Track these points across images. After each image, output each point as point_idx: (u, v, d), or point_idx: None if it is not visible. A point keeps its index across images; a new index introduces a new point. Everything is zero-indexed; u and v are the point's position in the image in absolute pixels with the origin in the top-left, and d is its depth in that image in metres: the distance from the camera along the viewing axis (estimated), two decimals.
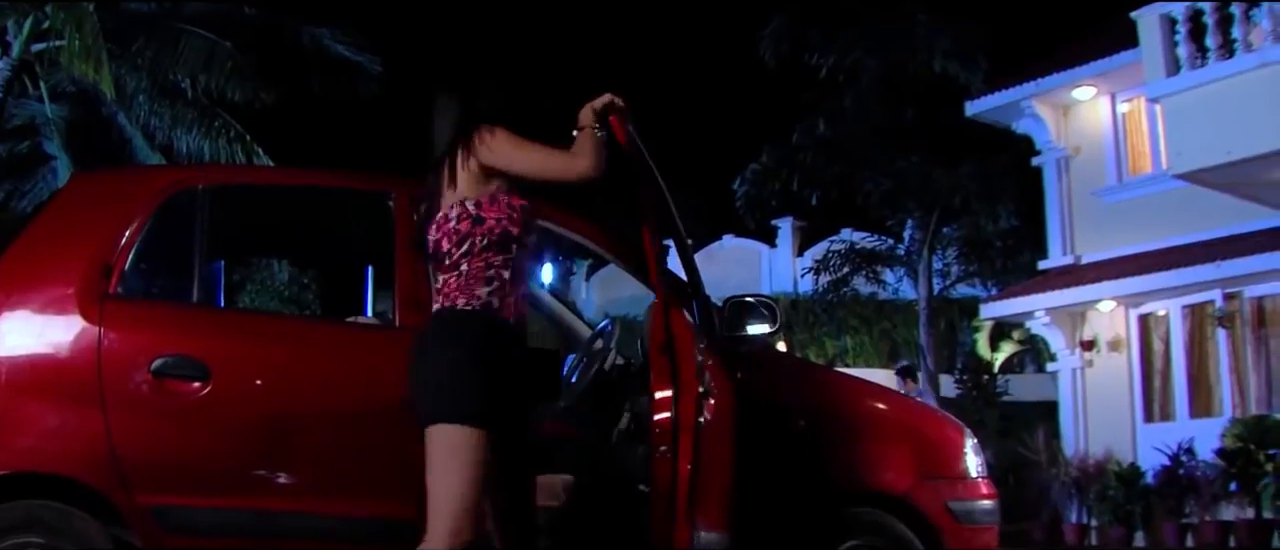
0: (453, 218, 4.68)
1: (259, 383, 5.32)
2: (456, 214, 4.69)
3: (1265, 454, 16.49)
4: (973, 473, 6.21)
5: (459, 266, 4.66)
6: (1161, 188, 18.29)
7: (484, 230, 4.66)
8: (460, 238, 4.66)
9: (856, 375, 7.25)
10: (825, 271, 24.88)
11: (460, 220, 4.67)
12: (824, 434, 5.90)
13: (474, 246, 4.65)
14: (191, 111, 22.09)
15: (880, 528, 5.85)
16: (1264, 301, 18.07)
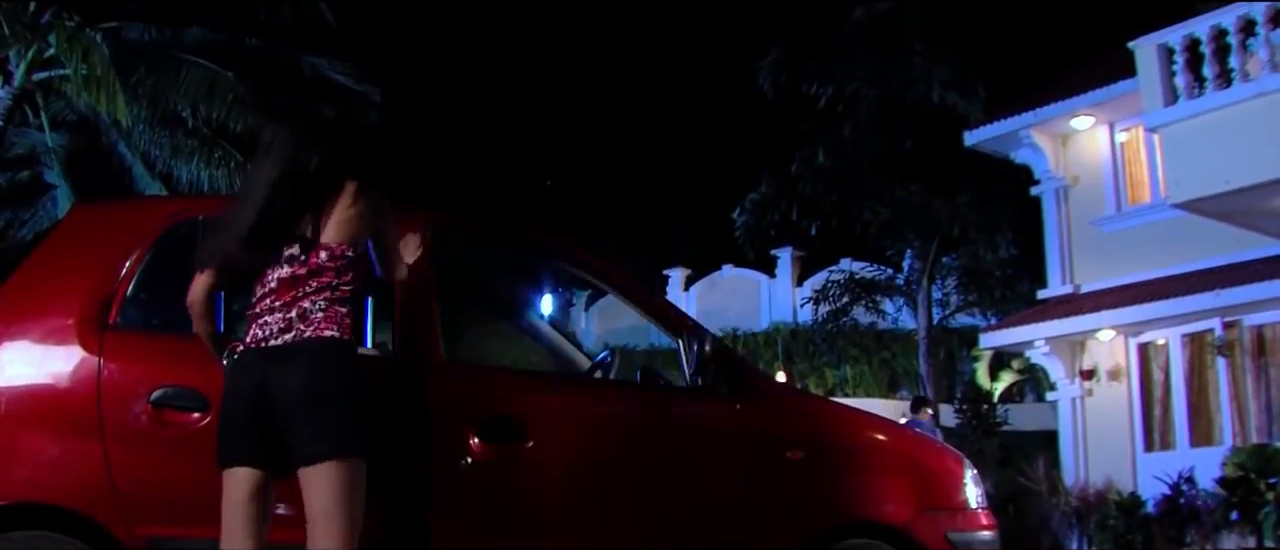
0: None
1: None
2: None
3: (1266, 483, 16.50)
4: (972, 503, 6.20)
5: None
6: (1160, 217, 18.34)
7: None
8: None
9: (855, 405, 7.24)
10: (824, 301, 24.88)
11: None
12: (822, 464, 5.87)
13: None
14: (192, 141, 22.05)
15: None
16: (1263, 330, 18.15)
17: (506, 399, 5.55)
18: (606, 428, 5.72)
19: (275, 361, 4.53)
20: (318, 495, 4.41)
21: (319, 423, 4.44)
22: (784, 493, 5.78)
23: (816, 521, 5.81)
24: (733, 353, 5.95)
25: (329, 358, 4.53)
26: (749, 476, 5.76)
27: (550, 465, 5.51)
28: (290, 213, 4.58)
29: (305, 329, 4.54)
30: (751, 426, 5.82)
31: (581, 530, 5.52)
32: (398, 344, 5.53)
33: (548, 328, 7.03)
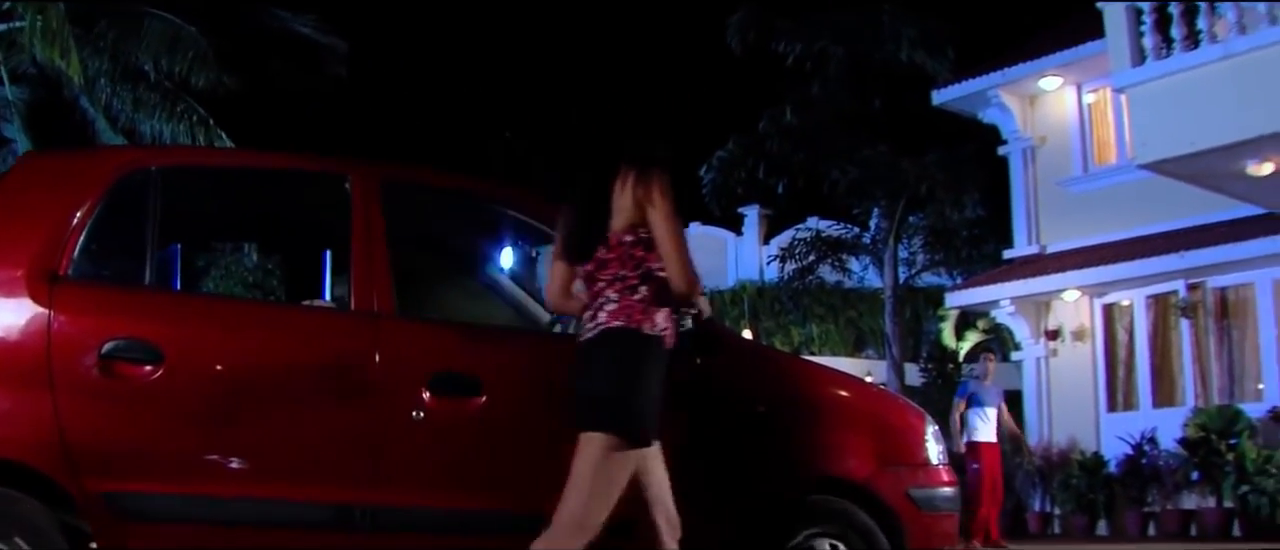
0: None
1: (213, 366, 5.23)
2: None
3: (1226, 443, 16.61)
4: (934, 460, 6.16)
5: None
6: (1126, 178, 18.33)
7: None
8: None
9: (820, 362, 7.21)
10: (791, 259, 24.80)
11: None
12: (784, 420, 5.84)
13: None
14: (154, 95, 21.81)
15: (840, 515, 5.79)
16: (1226, 292, 18.22)
17: (460, 353, 5.49)
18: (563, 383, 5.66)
19: (581, 358, 4.88)
20: (578, 459, 4.79)
21: (587, 393, 4.80)
22: (747, 448, 5.75)
23: (776, 477, 5.78)
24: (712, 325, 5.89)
25: (610, 344, 4.81)
26: (713, 432, 5.71)
27: (505, 421, 5.46)
28: (591, 220, 4.88)
29: (602, 321, 4.84)
30: (717, 381, 5.77)
31: (537, 487, 5.46)
32: (350, 298, 5.48)
33: (509, 282, 6.95)
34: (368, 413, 5.30)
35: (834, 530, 5.77)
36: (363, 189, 5.61)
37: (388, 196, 5.64)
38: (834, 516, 5.79)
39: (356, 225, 5.55)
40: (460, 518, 5.34)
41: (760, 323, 31.16)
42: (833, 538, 5.77)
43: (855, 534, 5.79)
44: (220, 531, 5.12)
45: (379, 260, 5.49)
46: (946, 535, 6.15)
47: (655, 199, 4.77)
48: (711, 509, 5.58)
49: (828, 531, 5.77)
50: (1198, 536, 16.81)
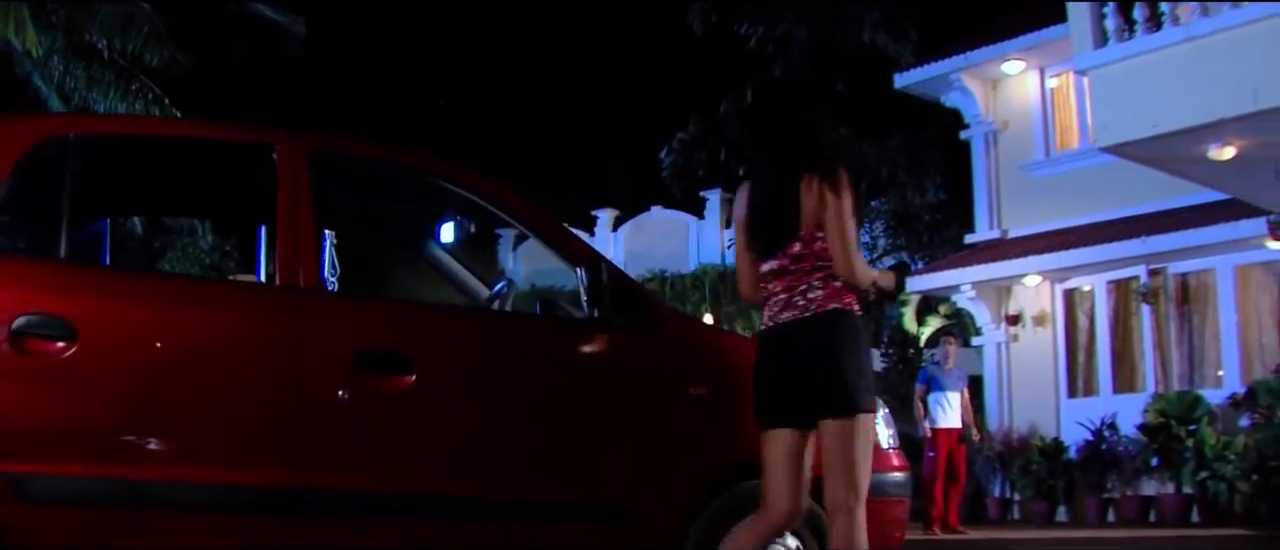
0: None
1: (129, 343, 4.98)
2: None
3: (1186, 430, 16.55)
4: (883, 444, 5.95)
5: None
6: (1089, 163, 18.25)
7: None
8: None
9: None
10: None
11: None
12: (726, 400, 5.61)
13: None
14: (108, 73, 21.48)
15: None
16: (1187, 278, 18.15)
17: (388, 330, 5.28)
18: (494, 361, 5.44)
19: (789, 337, 5.01)
20: (833, 451, 4.93)
21: (832, 385, 4.90)
22: (685, 430, 5.53)
23: (718, 462, 5.57)
24: (632, 282, 5.66)
25: (834, 329, 4.97)
26: (649, 412, 5.49)
27: (434, 400, 5.25)
28: (785, 218, 5.07)
29: (809, 306, 5.00)
30: (652, 360, 5.55)
31: (467, 469, 5.25)
32: (275, 272, 5.25)
33: (446, 257, 6.72)
34: (290, 392, 5.07)
35: None
36: (290, 159, 5.37)
37: (317, 167, 5.40)
38: None
39: (283, 196, 5.32)
40: (387, 501, 5.11)
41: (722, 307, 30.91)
42: None
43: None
44: (135, 515, 4.88)
45: (306, 233, 5.26)
46: (896, 521, 5.96)
47: (834, 196, 5.00)
48: (644, 493, 5.39)
49: None
50: (1157, 522, 16.74)
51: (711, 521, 5.45)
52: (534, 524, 5.31)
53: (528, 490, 5.30)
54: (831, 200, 4.97)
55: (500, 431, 5.33)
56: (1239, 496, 15.56)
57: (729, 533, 5.12)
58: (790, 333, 5.03)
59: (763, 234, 5.18)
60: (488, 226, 6.38)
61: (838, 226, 4.96)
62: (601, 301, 5.35)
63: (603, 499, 5.39)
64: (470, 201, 5.72)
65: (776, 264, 5.11)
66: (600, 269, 5.31)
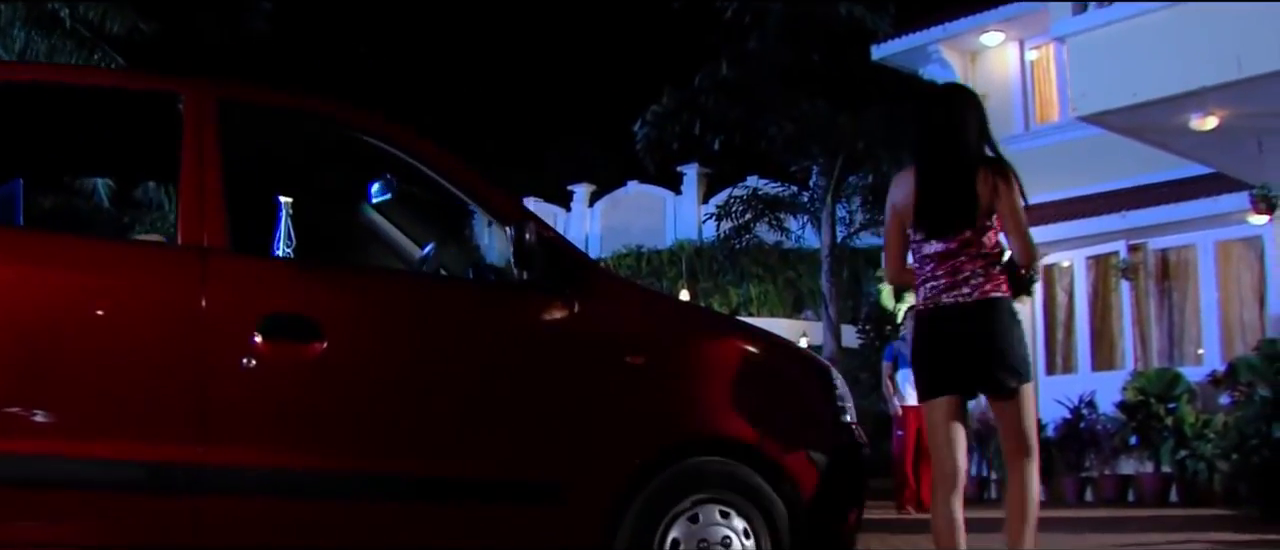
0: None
1: (15, 307, 4.53)
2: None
3: (1165, 407, 16.32)
4: (840, 419, 5.54)
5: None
6: (1068, 136, 18.08)
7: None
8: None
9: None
10: (726, 217, 24.17)
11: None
12: (667, 371, 5.19)
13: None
14: (70, 43, 21.04)
15: (731, 479, 5.15)
16: (1168, 253, 17.91)
17: (298, 293, 4.84)
18: (413, 328, 5.00)
19: (960, 317, 5.59)
20: (1010, 417, 5.68)
21: (1004, 362, 5.56)
22: (623, 401, 5.10)
23: (659, 437, 5.13)
24: (566, 244, 5.21)
25: (1000, 314, 5.59)
26: (581, 383, 5.06)
27: (348, 370, 4.81)
28: (962, 205, 5.62)
29: (974, 291, 5.56)
30: (585, 327, 5.12)
31: (384, 444, 4.82)
32: (177, 230, 4.80)
33: (380, 220, 6.28)
34: (190, 360, 4.63)
35: (725, 496, 5.13)
36: (196, 109, 4.92)
37: (226, 118, 4.95)
38: (725, 481, 5.15)
39: (187, 149, 4.87)
40: (295, 478, 4.67)
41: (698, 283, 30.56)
42: (723, 504, 5.13)
43: (749, 500, 5.16)
44: (21, 494, 4.45)
45: (211, 189, 4.81)
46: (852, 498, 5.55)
47: (1008, 189, 5.61)
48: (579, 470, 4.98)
49: (718, 498, 5.12)
50: (1135, 502, 16.50)
51: (653, 499, 5.04)
52: (458, 504, 4.88)
53: (451, 467, 4.86)
54: (1006, 193, 5.60)
55: (420, 404, 4.90)
56: (1218, 476, 15.34)
57: (937, 511, 5.73)
58: (957, 315, 5.60)
59: (937, 220, 5.66)
60: (409, 181, 5.83)
61: (1015, 217, 5.62)
62: (531, 263, 4.92)
63: (532, 476, 4.96)
64: (390, 155, 5.25)
65: (943, 247, 5.64)
66: (528, 228, 4.87)
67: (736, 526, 5.12)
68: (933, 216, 5.67)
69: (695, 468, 5.12)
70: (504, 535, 4.91)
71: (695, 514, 5.09)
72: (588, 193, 36.18)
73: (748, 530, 5.14)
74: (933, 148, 5.83)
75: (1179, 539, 10.63)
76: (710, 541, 5.06)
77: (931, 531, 5.83)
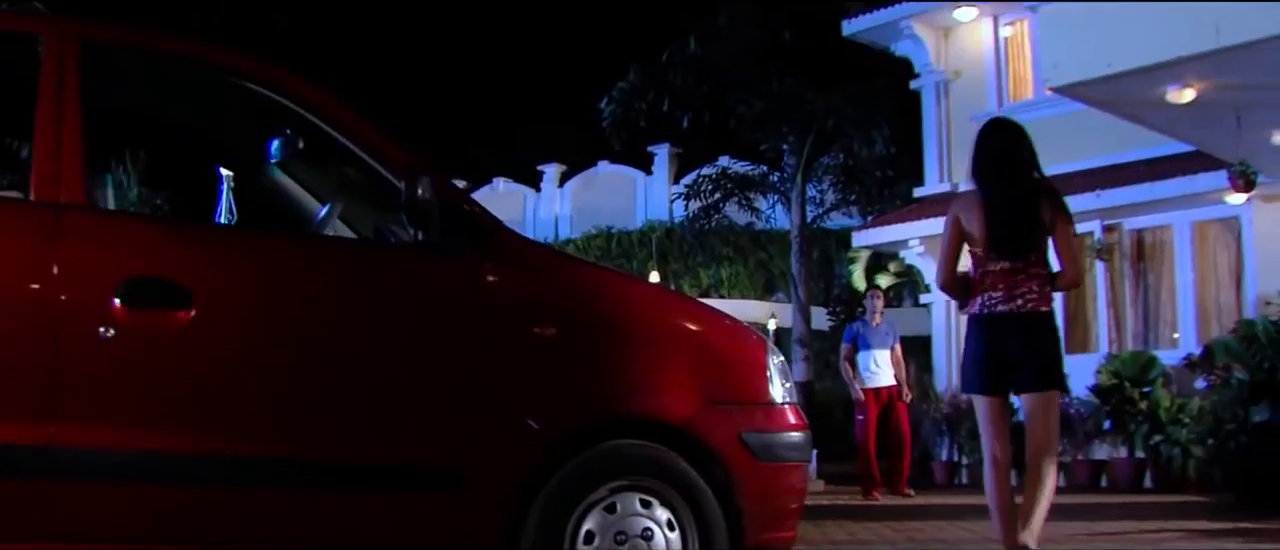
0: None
1: None
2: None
3: (1140, 391, 15.94)
4: (777, 398, 4.97)
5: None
6: (1042, 114, 17.58)
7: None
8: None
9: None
10: (695, 197, 23.70)
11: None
12: (581, 344, 4.65)
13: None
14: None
15: (653, 465, 4.61)
16: (1143, 234, 17.61)
17: (163, 255, 4.27)
18: (294, 294, 4.43)
19: (1013, 325, 6.36)
20: (1042, 417, 6.46)
21: (1044, 365, 6.40)
22: (528, 379, 4.56)
23: (570, 417, 4.59)
24: (466, 199, 4.66)
25: (1047, 325, 6.44)
26: (481, 357, 4.52)
27: (219, 340, 4.25)
28: (1023, 229, 6.41)
29: (1027, 304, 6.34)
30: (487, 294, 4.58)
31: (258, 425, 4.28)
32: (30, 185, 4.25)
33: (284, 179, 5.71)
34: (39, 328, 4.08)
35: (646, 483, 4.60)
36: (56, 50, 4.37)
37: (90, 61, 4.40)
38: (646, 466, 4.60)
39: (44, 94, 4.31)
40: (160, 462, 4.12)
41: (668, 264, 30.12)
42: (645, 492, 4.60)
43: (673, 487, 4.62)
44: None
45: (70, 139, 4.26)
46: (790, 490, 5.00)
47: (1066, 221, 6.45)
48: (478, 454, 4.45)
49: (638, 485, 4.59)
50: (1109, 488, 16.15)
51: (564, 487, 4.49)
52: (342, 491, 4.34)
53: (334, 451, 4.32)
54: (1064, 225, 6.43)
55: (300, 379, 4.36)
56: (1193, 461, 14.99)
57: (997, 492, 6.52)
58: (1011, 323, 6.36)
59: (1009, 244, 6.39)
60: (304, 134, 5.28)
61: (1070, 247, 6.51)
62: (427, 222, 4.37)
63: (425, 460, 4.41)
64: (273, 101, 4.68)
65: (1008, 265, 6.38)
66: (421, 182, 4.33)
67: (659, 517, 4.59)
68: (1005, 241, 6.40)
69: (612, 452, 4.59)
70: (394, 525, 4.38)
71: (612, 503, 4.55)
72: (558, 173, 35.74)
73: (672, 521, 4.62)
74: (998, 177, 6.51)
75: (1151, 528, 10.20)
76: (629, 534, 4.53)
77: (991, 509, 6.60)
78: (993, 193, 6.47)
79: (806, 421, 5.10)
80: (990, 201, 6.45)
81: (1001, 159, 6.51)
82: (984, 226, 6.42)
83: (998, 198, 6.44)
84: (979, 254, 6.51)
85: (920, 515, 11.84)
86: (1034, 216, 6.36)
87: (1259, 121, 12.75)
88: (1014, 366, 6.38)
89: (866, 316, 14.93)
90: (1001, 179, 6.48)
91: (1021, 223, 6.39)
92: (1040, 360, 6.37)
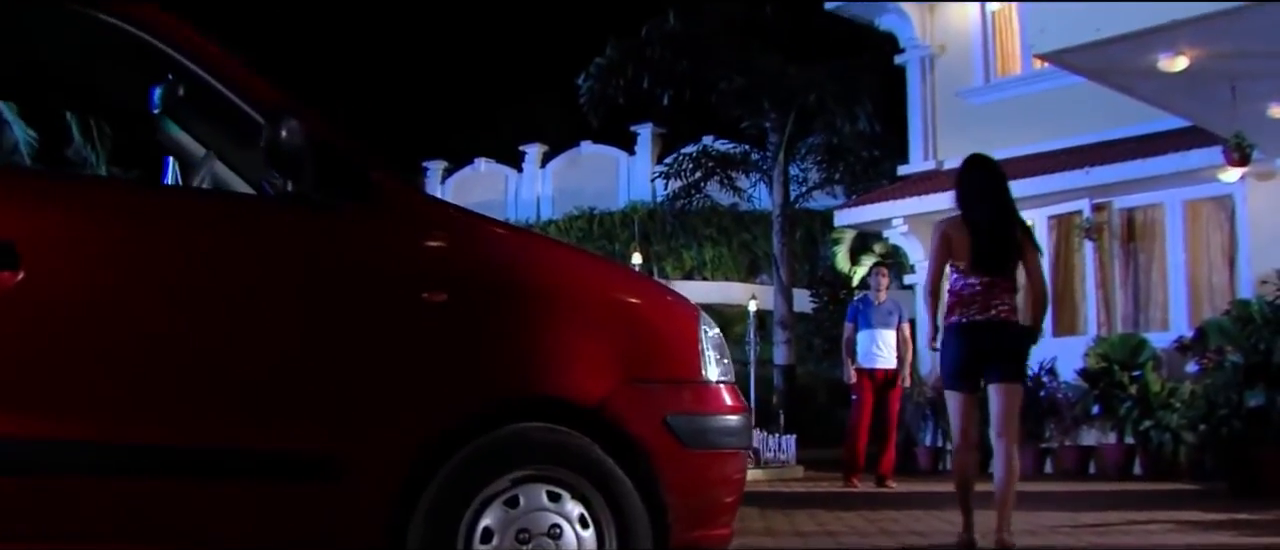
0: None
1: None
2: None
3: (1129, 375, 15.41)
4: (711, 376, 4.35)
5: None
6: (1030, 89, 17.55)
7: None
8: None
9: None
10: (675, 176, 23.10)
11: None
12: (480, 313, 4.03)
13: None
14: None
15: (563, 452, 4.01)
16: (1134, 213, 17.10)
17: None
18: (142, 254, 3.81)
19: (987, 332, 7.24)
20: (1005, 405, 7.31)
21: (1012, 364, 7.38)
22: (416, 352, 3.95)
23: (466, 396, 3.98)
24: (347, 144, 4.04)
25: (1016, 331, 7.32)
26: (359, 325, 3.92)
27: (53, 306, 3.65)
28: (1002, 252, 7.33)
29: (1000, 314, 7.24)
30: (368, 252, 3.97)
31: (100, 404, 3.67)
32: None
33: (177, 131, 5.06)
34: None
35: (555, 473, 3.99)
36: None
37: None
38: (554, 454, 4.00)
39: None
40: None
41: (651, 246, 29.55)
42: (553, 484, 3.99)
43: (587, 478, 4.01)
44: None
45: None
46: (726, 481, 4.37)
47: (1034, 248, 7.48)
48: (356, 437, 3.85)
49: (546, 475, 3.98)
50: (1097, 475, 15.58)
51: (458, 477, 3.89)
52: (197, 479, 3.72)
53: (188, 434, 3.71)
54: (1032, 251, 7.46)
55: (147, 351, 3.74)
56: (1184, 447, 14.44)
57: (960, 460, 7.60)
58: (987, 330, 7.26)
59: (990, 262, 7.30)
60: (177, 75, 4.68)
61: (1039, 267, 7.46)
62: (294, 169, 3.76)
63: (293, 446, 3.79)
64: (126, 34, 4.04)
65: (989, 280, 7.30)
66: (290, 123, 3.71)
67: (570, 512, 3.98)
68: (986, 261, 7.30)
69: (515, 437, 3.97)
70: (258, 519, 3.77)
71: (515, 497, 3.94)
72: (540, 153, 35.20)
73: (586, 517, 4.01)
74: (982, 206, 7.44)
75: (1140, 518, 9.60)
76: (533, 531, 3.92)
77: (953, 474, 7.82)
78: (976, 218, 7.42)
79: (745, 403, 4.48)
80: (973, 225, 7.40)
81: (984, 190, 7.47)
82: (967, 246, 7.35)
83: (980, 223, 7.39)
84: (961, 268, 7.40)
85: (898, 504, 11.27)
86: (1010, 240, 7.36)
87: (1255, 93, 12.14)
88: (986, 364, 7.37)
89: (871, 293, 14.28)
90: (983, 207, 7.43)
91: (999, 245, 7.36)
92: (1009, 359, 7.40)
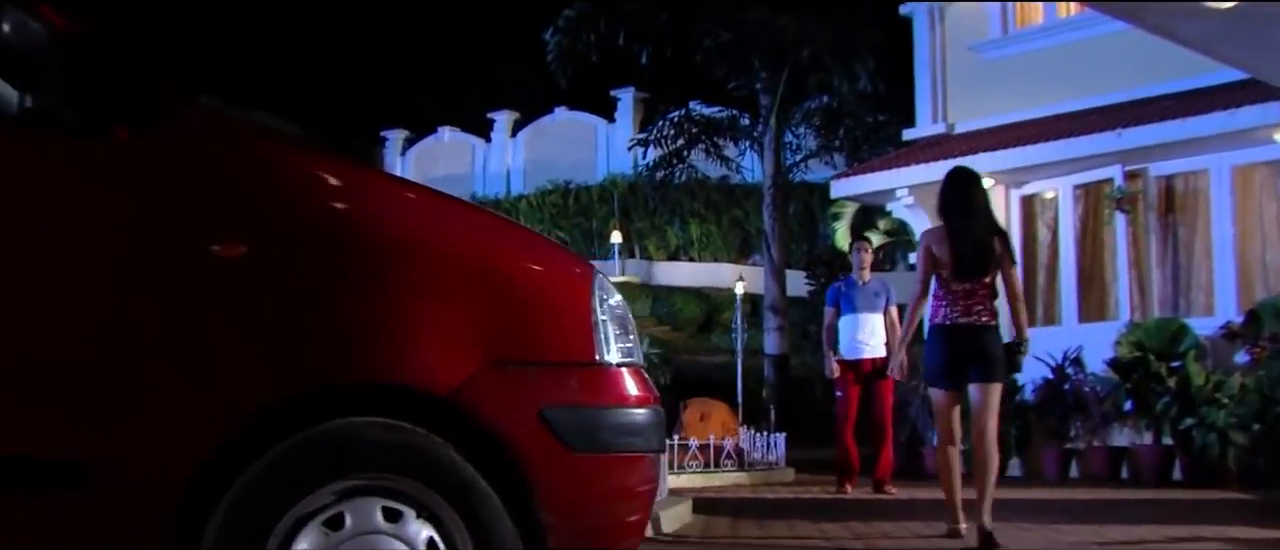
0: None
1: None
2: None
3: (1167, 366, 14.94)
4: (607, 357, 3.65)
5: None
6: (1054, 41, 17.31)
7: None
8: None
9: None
10: (656, 144, 22.56)
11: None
12: (291, 271, 3.37)
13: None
14: None
15: (406, 455, 3.34)
16: (1173, 181, 16.70)
17: None
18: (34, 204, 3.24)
19: (968, 334, 8.28)
20: (985, 403, 8.31)
21: (991, 365, 8.31)
22: (203, 323, 3.29)
23: (270, 382, 3.31)
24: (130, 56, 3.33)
25: (994, 334, 8.35)
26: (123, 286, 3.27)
27: None
28: (981, 258, 8.34)
29: (980, 318, 8.29)
30: (137, 191, 3.31)
31: None
32: None
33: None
34: None
35: (394, 484, 3.31)
36: None
37: None
38: (394, 458, 3.33)
39: None
40: None
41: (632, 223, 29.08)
42: (391, 497, 3.32)
43: (437, 490, 3.33)
44: None
45: None
46: (626, 493, 3.67)
47: (1010, 256, 8.43)
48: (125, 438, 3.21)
49: (380, 485, 3.31)
50: (1130, 480, 15.09)
51: (262, 488, 3.24)
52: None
53: None
54: (1008, 258, 8.36)
55: (59, 328, 3.21)
56: (1233, 449, 14.01)
57: (942, 455, 8.58)
58: (968, 332, 8.20)
59: (969, 271, 8.19)
60: None
61: (1013, 275, 8.40)
62: (35, 79, 3.09)
63: (26, 448, 3.14)
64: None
65: (970, 285, 8.22)
66: (19, 17, 3.05)
67: (413, 535, 3.32)
68: (966, 268, 8.21)
69: (340, 436, 3.28)
70: None
71: (339, 515, 3.28)
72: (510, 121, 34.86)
73: (436, 541, 3.33)
74: (963, 217, 8.33)
75: (1181, 533, 9.02)
76: None
77: (938, 470, 8.70)
78: (957, 228, 8.37)
79: (655, 393, 3.77)
80: (955, 235, 8.34)
81: (966, 201, 8.43)
82: (950, 255, 8.31)
83: (961, 232, 8.34)
84: (944, 275, 8.34)
85: (893, 513, 10.70)
86: (989, 248, 8.31)
87: None
88: (967, 365, 8.29)
89: (852, 274, 13.64)
90: (964, 217, 8.37)
91: (980, 253, 8.30)
92: (988, 361, 8.28)
